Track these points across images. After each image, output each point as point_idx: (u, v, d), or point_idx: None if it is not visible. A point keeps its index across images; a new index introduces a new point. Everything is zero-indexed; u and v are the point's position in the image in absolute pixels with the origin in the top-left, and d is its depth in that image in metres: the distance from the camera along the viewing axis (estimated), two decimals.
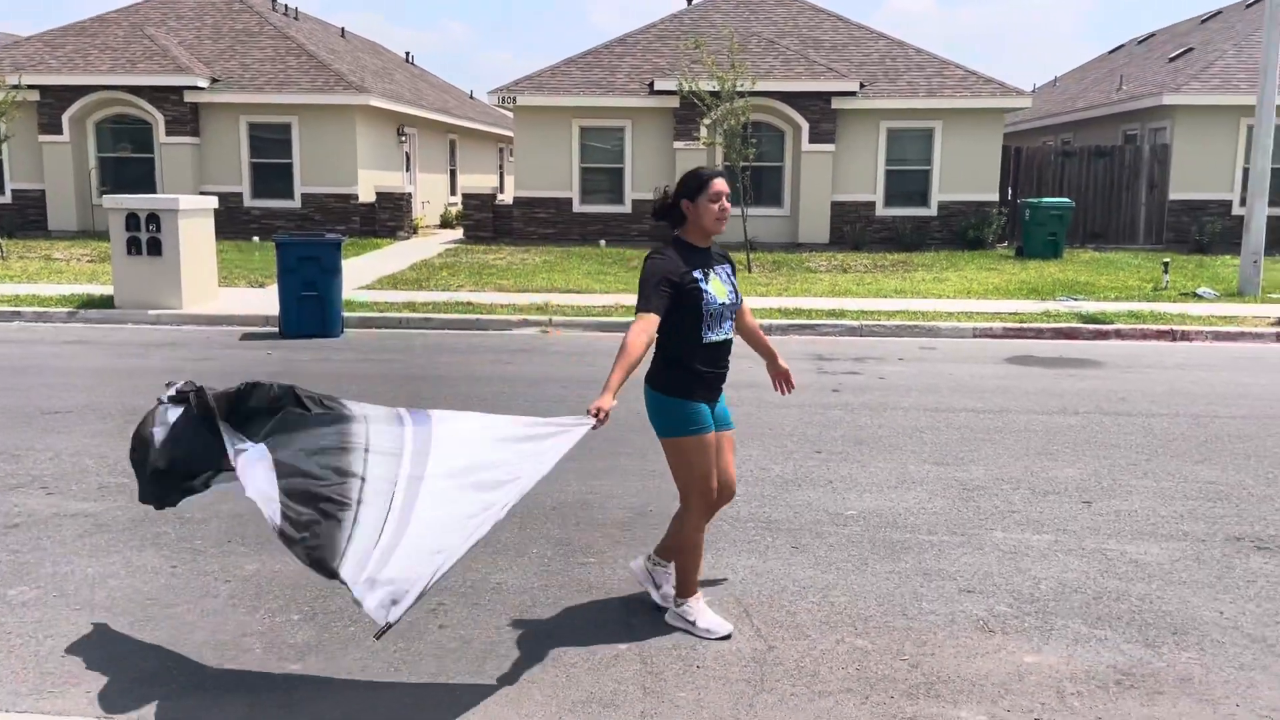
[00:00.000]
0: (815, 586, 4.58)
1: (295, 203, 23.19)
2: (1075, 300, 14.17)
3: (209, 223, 13.44)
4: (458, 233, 25.58)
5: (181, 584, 4.56)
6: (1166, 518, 5.58)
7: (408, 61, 34.36)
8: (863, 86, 21.85)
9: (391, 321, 12.43)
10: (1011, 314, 12.95)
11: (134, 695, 3.60)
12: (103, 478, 6.08)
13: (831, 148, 21.90)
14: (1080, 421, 7.77)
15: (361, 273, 16.50)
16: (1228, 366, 10.28)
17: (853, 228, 21.99)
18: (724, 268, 4.10)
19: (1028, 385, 9.20)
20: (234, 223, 22.93)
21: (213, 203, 13.60)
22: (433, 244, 22.23)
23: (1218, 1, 30.10)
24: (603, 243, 22.20)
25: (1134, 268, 17.93)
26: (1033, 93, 24.75)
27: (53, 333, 11.67)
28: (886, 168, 22.35)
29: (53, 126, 22.61)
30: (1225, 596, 4.53)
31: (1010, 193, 22.61)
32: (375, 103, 22.89)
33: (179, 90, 22.50)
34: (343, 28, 31.31)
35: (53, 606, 4.31)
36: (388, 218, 23.10)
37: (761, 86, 20.51)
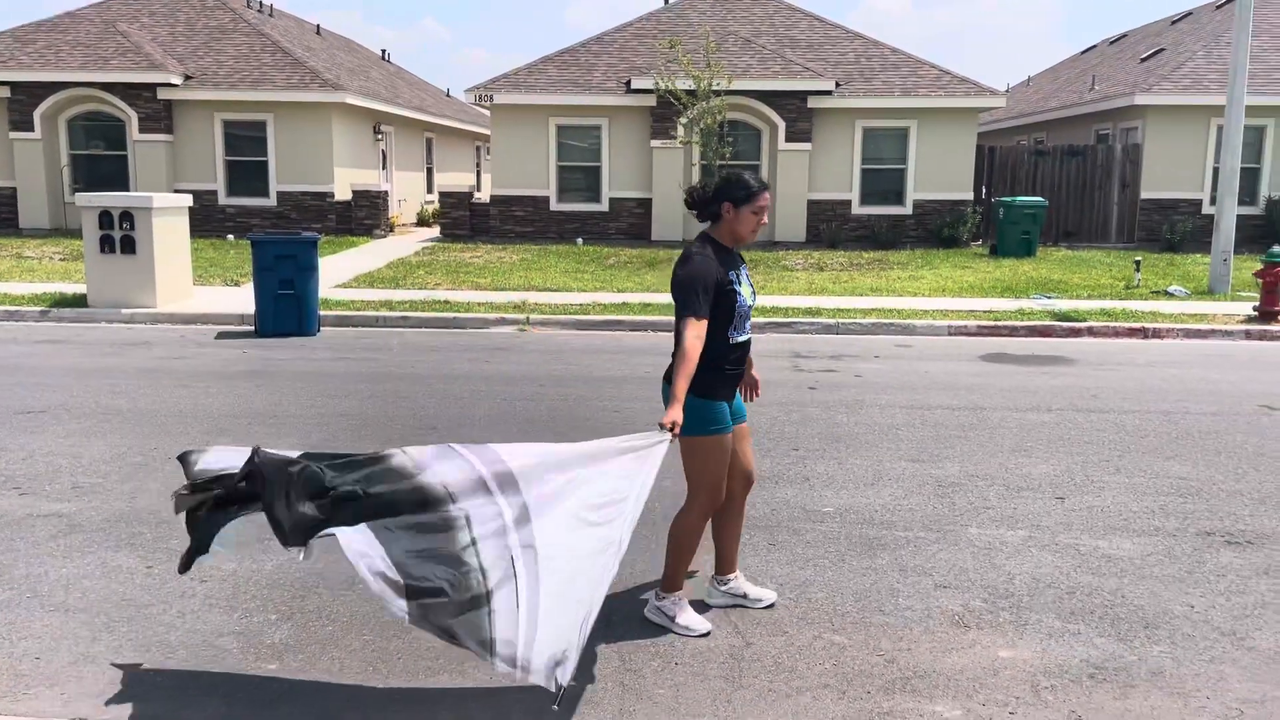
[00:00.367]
0: (792, 583, 4.61)
1: (271, 201, 23.03)
2: (1049, 298, 14.29)
3: (183, 221, 13.34)
4: (435, 231, 25.50)
5: (157, 584, 4.53)
6: (1138, 513, 5.64)
7: (384, 59, 34.19)
8: (839, 86, 21.93)
9: (368, 320, 12.39)
10: (986, 312, 13.05)
11: (109, 697, 3.58)
12: (77, 478, 6.03)
13: (808, 146, 21.98)
14: (1054, 418, 7.85)
15: (338, 271, 16.42)
16: (1198, 363, 10.40)
17: (829, 226, 22.08)
18: (744, 269, 4.16)
19: (1002, 382, 9.28)
20: (209, 221, 22.76)
21: (187, 201, 13.49)
22: (410, 242, 22.15)
23: (1188, 2, 30.43)
24: (580, 241, 22.19)
25: (1106, 266, 18.11)
26: (1006, 92, 24.94)
27: (25, 332, 11.55)
28: (862, 166, 22.45)
29: (24, 123, 22.35)
30: (1196, 591, 4.59)
31: (984, 191, 22.77)
32: (351, 100, 22.78)
33: (152, 87, 22.30)
34: (318, 24, 31.11)
35: (26, 608, 4.28)
36: (364, 216, 23.00)
37: (738, 85, 20.57)
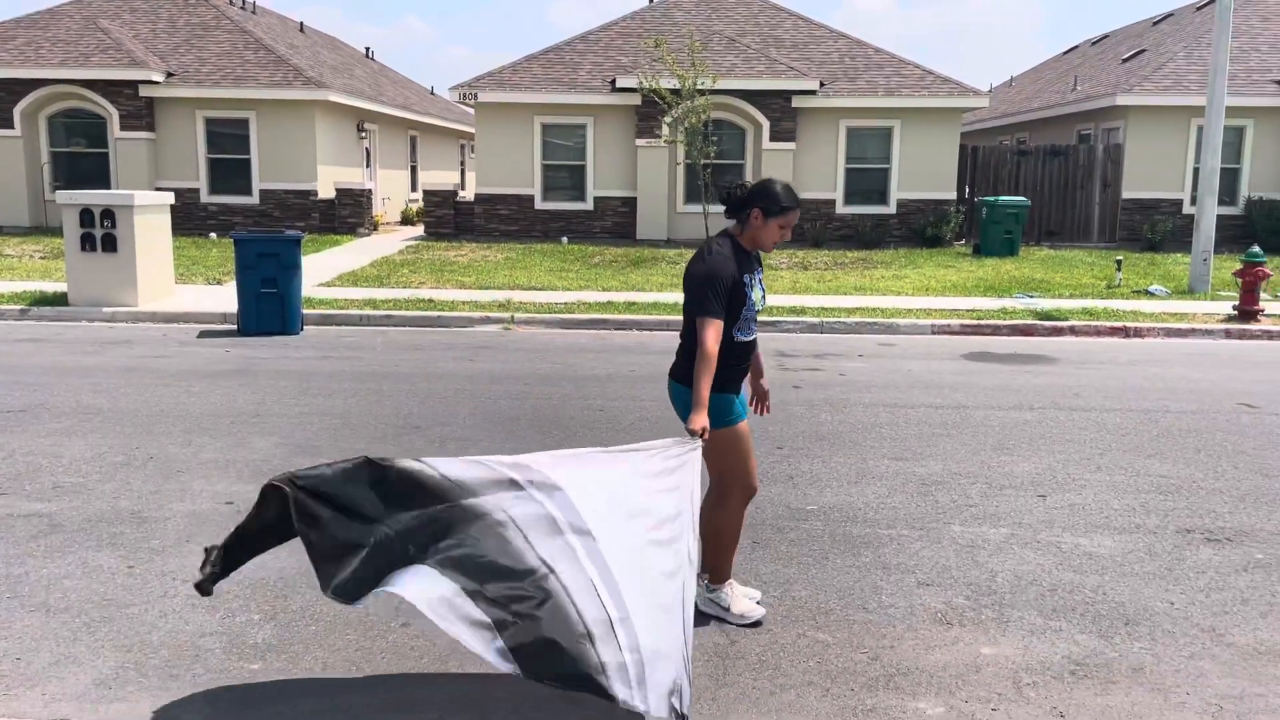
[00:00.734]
0: (776, 581, 4.63)
1: (254, 199, 22.92)
2: (1031, 297, 14.37)
3: (165, 219, 13.26)
4: (419, 229, 25.42)
5: (139, 584, 4.51)
6: (1119, 511, 5.69)
7: (368, 57, 34.07)
8: (823, 85, 21.99)
9: (352, 319, 12.34)
10: (969, 311, 13.11)
11: (91, 697, 3.56)
12: (57, 477, 5.99)
13: (792, 146, 22.02)
14: (1036, 417, 7.89)
15: (321, 270, 16.36)
16: (1179, 362, 10.48)
17: (813, 225, 22.13)
18: (759, 271, 4.15)
19: (985, 381, 9.33)
20: (191, 219, 22.63)
21: (169, 198, 13.41)
22: (394, 241, 22.08)
23: (1169, 3, 30.64)
24: (565, 239, 22.17)
25: (1088, 265, 18.22)
26: (989, 93, 25.07)
27: (4, 330, 11.45)
28: (846, 166, 22.51)
29: (4, 121, 22.17)
30: (1176, 588, 4.63)
31: (968, 191, 22.87)
32: (335, 98, 22.69)
33: (133, 84, 22.15)
34: (301, 22, 30.97)
35: (6, 608, 4.25)
36: (348, 214, 22.91)
37: (723, 85, 20.60)
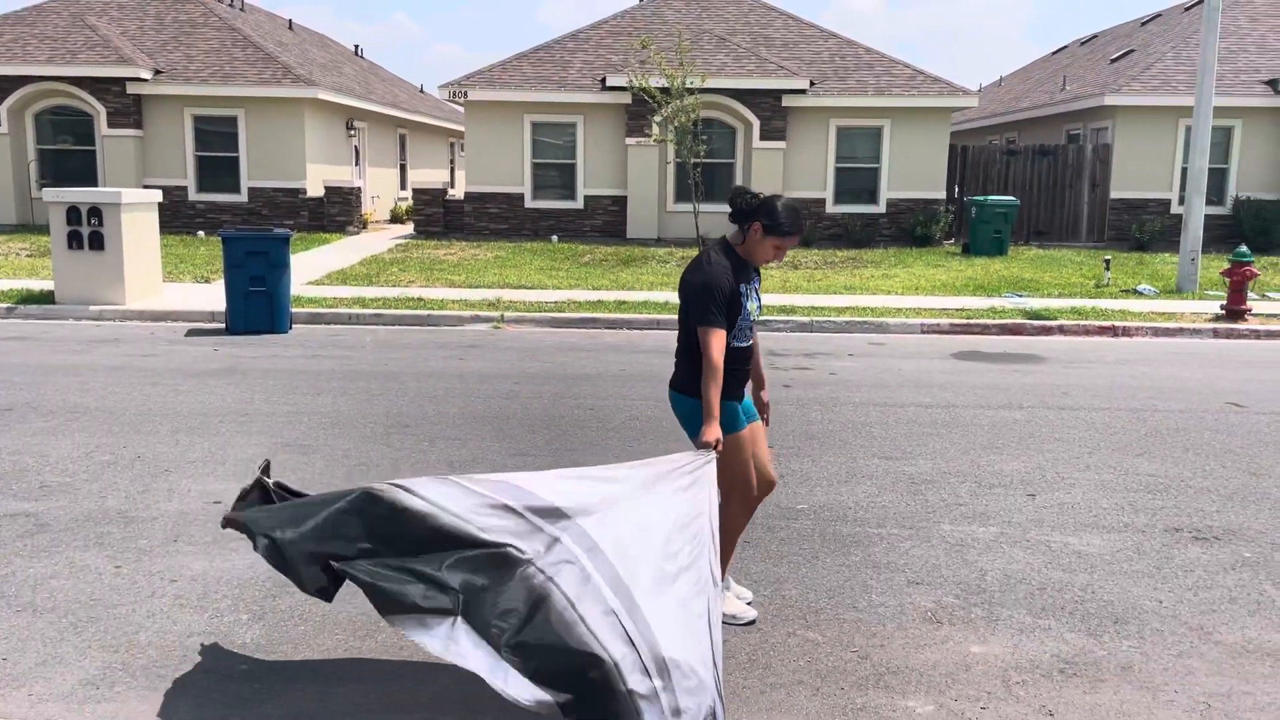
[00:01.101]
0: (767, 580, 4.63)
1: (242, 197, 22.83)
2: (1020, 297, 14.41)
3: (153, 217, 13.20)
4: (408, 228, 25.37)
5: (126, 584, 4.49)
6: (1108, 509, 5.70)
7: (357, 55, 33.97)
8: (813, 84, 22.01)
9: (341, 317, 12.31)
10: (958, 310, 13.14)
11: (78, 697, 3.54)
12: (44, 477, 5.96)
13: (782, 145, 22.03)
14: (1025, 416, 7.91)
15: (310, 268, 16.31)
16: (1167, 361, 10.52)
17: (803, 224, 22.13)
18: (757, 281, 4.14)
19: (974, 380, 9.35)
20: (179, 217, 22.54)
21: (156, 196, 13.35)
22: (383, 239, 22.03)
23: (1158, 4, 30.77)
24: (555, 238, 22.14)
25: (1077, 265, 18.28)
26: (979, 92, 25.14)
27: None
28: (836, 165, 22.53)
29: None
30: (1164, 586, 4.65)
31: (957, 191, 22.92)
32: (324, 96, 22.61)
33: (121, 82, 22.04)
34: (290, 20, 30.87)
35: None
36: (337, 212, 22.84)
37: (713, 83, 20.60)
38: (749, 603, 4.32)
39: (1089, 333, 12.27)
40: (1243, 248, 13.13)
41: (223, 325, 11.64)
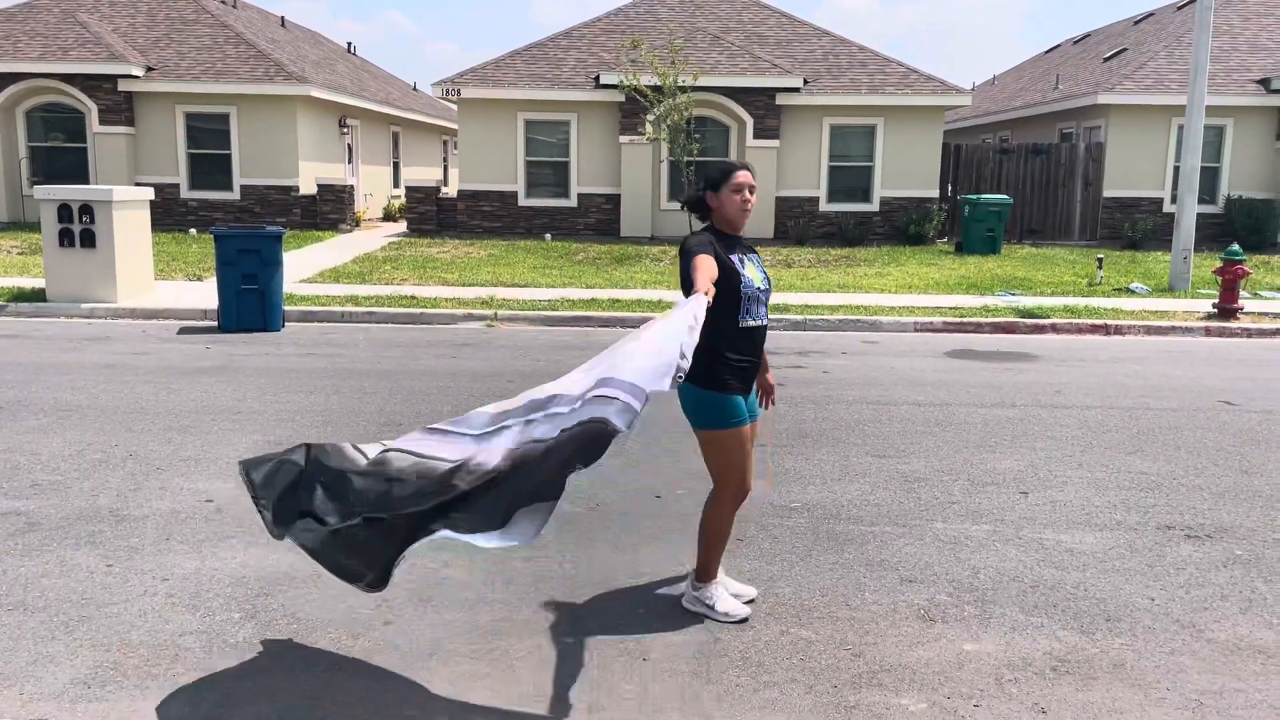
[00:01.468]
0: (760, 578, 4.62)
1: (234, 194, 22.78)
2: (1013, 295, 14.43)
3: (144, 214, 13.16)
4: (401, 226, 25.33)
5: (118, 583, 4.47)
6: (1100, 507, 5.71)
7: (350, 52, 33.90)
8: (806, 83, 22.02)
9: (334, 315, 12.28)
10: (951, 308, 13.16)
11: (69, 697, 3.53)
12: (35, 475, 5.93)
13: (775, 143, 22.04)
14: (1018, 414, 7.93)
15: (303, 266, 16.27)
16: (1159, 360, 10.55)
17: (796, 223, 22.17)
18: (754, 256, 4.17)
19: (967, 378, 9.36)
20: (170, 215, 22.48)
21: (148, 194, 13.31)
22: (376, 237, 21.99)
23: (1150, 3, 30.83)
24: (548, 236, 22.13)
25: (1069, 263, 18.32)
26: (972, 91, 25.17)
27: None
28: (829, 163, 22.56)
29: None
30: (1156, 584, 4.66)
31: (950, 189, 22.96)
32: (316, 93, 22.56)
33: (112, 79, 21.98)
34: (282, 17, 30.78)
35: None
36: (330, 210, 22.80)
37: (706, 82, 20.60)
38: (749, 601, 4.32)
39: (1082, 331, 12.29)
40: (1234, 246, 13.17)
41: (215, 323, 11.61)
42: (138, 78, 22.01)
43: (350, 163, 26.29)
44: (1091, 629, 4.18)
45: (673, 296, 13.21)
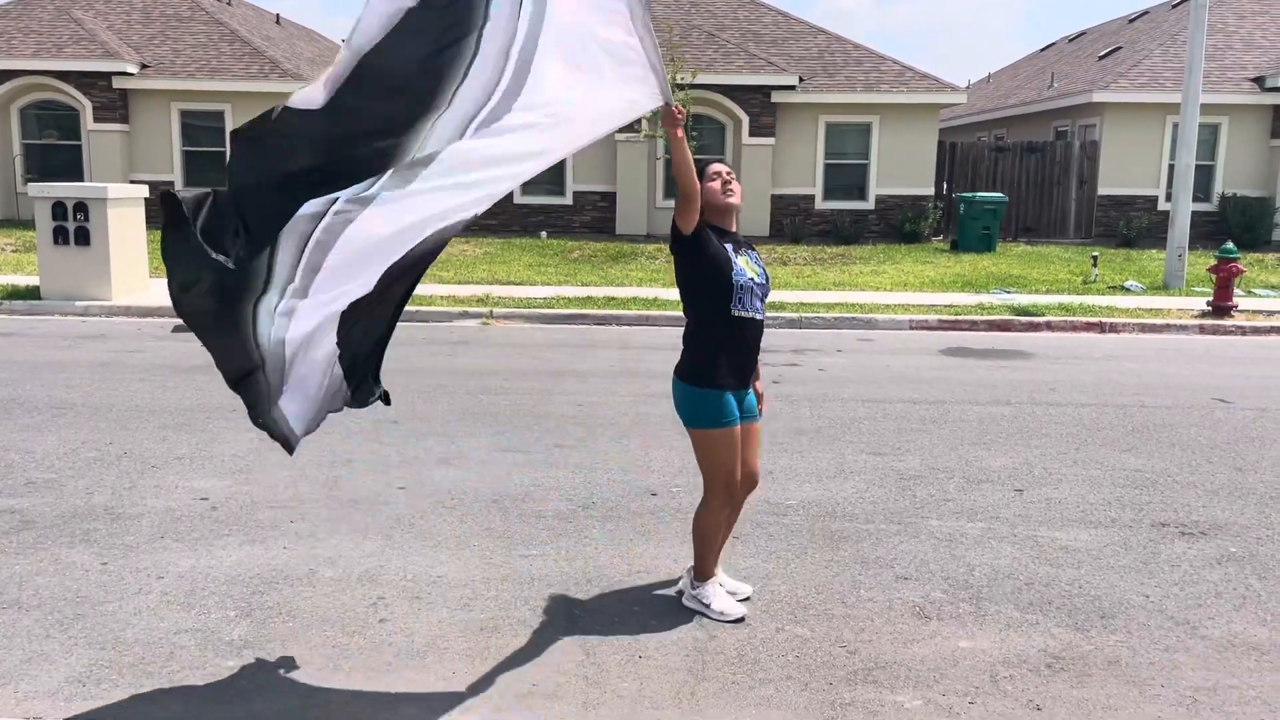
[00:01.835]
0: (755, 575, 4.63)
1: None
2: (1008, 293, 14.45)
3: (139, 212, 13.13)
4: None
5: (113, 581, 4.47)
6: (1095, 505, 5.72)
7: None
8: (802, 81, 22.01)
9: None
10: (947, 306, 13.17)
11: (64, 695, 3.52)
12: (30, 473, 5.92)
13: (771, 141, 22.04)
14: (1012, 412, 7.94)
15: None
16: (1154, 357, 10.57)
17: (792, 220, 22.17)
18: (751, 252, 4.16)
19: (962, 376, 9.38)
20: None
21: (143, 192, 13.28)
22: None
23: (1145, 1, 30.85)
24: (544, 234, 22.11)
25: (1064, 261, 18.34)
26: (967, 89, 25.17)
27: None
28: (825, 161, 22.56)
29: None
30: (1151, 581, 4.67)
31: (945, 187, 22.97)
32: None
33: (107, 76, 21.91)
34: (278, 14, 30.70)
35: None
36: None
37: (702, 79, 20.58)
38: (744, 599, 4.32)
39: (1076, 329, 12.31)
40: (1229, 244, 13.20)
41: None
42: (132, 75, 21.95)
43: None
44: (1086, 626, 4.18)
45: (668, 294, 13.21)
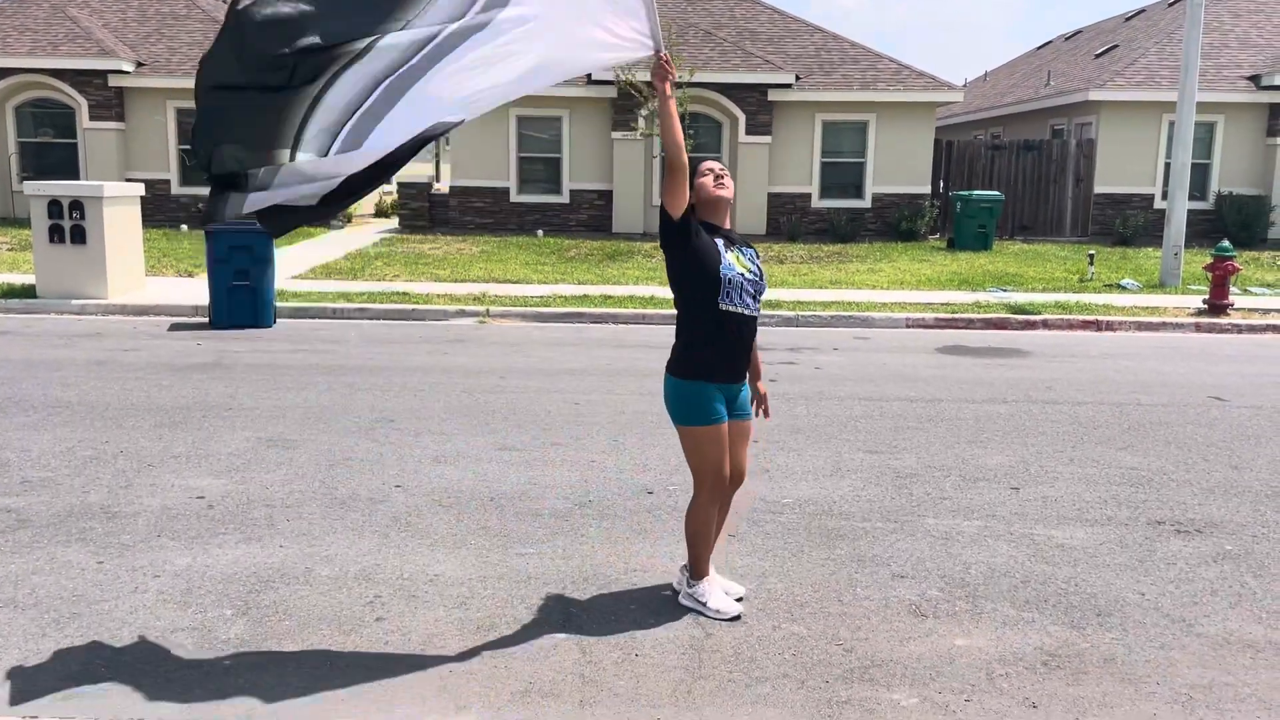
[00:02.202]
0: (752, 574, 4.63)
1: None
2: (1004, 291, 14.46)
3: (135, 210, 13.11)
4: (393, 222, 25.28)
5: (109, 580, 4.46)
6: (1091, 503, 5.73)
7: None
8: (799, 79, 22.02)
9: (325, 312, 12.25)
10: (943, 304, 13.18)
11: (60, 694, 3.52)
12: (25, 472, 5.92)
13: (768, 139, 22.05)
14: (1009, 410, 7.95)
15: (294, 262, 16.23)
16: (1150, 356, 10.58)
17: (789, 219, 22.18)
18: (747, 250, 4.15)
19: (959, 374, 9.38)
20: (161, 211, 22.39)
21: (139, 190, 13.26)
22: (368, 233, 21.95)
23: (1142, 0, 30.87)
24: (540, 233, 22.10)
25: (1061, 259, 18.36)
26: (964, 87, 25.17)
27: None
28: (822, 160, 22.57)
29: None
30: (1146, 579, 4.67)
31: (942, 185, 22.98)
32: None
33: (103, 74, 21.88)
34: None
35: None
36: None
37: (699, 78, 20.58)
38: (739, 598, 4.32)
39: (1073, 327, 12.32)
40: (1225, 243, 13.21)
41: (206, 319, 11.57)
42: (128, 73, 21.92)
43: None
44: (1082, 624, 4.19)
45: (665, 293, 13.22)
